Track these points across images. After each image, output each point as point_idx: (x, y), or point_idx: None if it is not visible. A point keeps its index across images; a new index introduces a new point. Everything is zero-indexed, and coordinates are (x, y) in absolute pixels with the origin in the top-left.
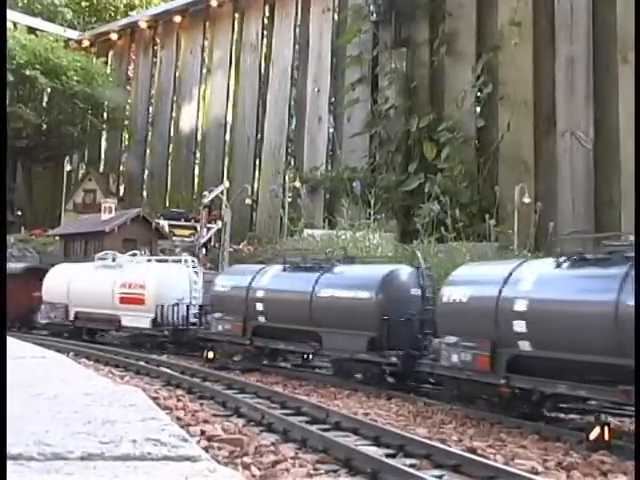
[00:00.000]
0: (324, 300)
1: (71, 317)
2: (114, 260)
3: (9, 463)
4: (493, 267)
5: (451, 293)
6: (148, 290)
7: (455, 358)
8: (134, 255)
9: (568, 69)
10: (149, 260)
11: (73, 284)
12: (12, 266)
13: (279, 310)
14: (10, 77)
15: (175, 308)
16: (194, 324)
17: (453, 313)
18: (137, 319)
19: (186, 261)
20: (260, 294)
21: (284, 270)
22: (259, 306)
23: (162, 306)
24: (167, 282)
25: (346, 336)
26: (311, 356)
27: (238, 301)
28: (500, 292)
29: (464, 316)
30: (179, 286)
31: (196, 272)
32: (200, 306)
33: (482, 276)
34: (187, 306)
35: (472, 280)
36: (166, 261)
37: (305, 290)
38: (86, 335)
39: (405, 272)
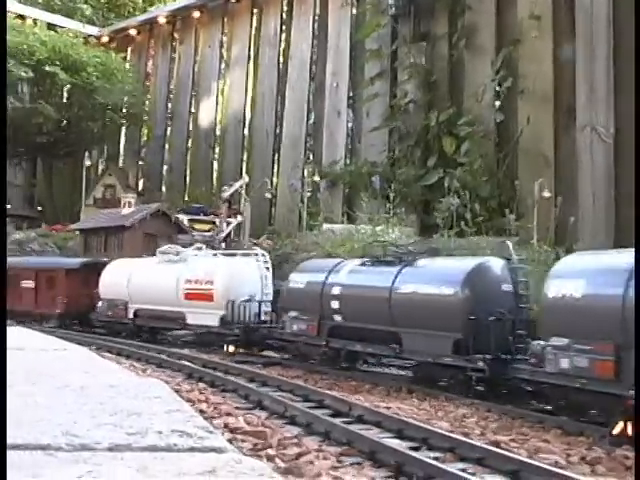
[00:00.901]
0: (404, 297)
1: (130, 315)
2: (177, 254)
3: (38, 453)
4: (610, 257)
5: (559, 288)
6: (217, 285)
7: (565, 363)
8: (199, 249)
9: (588, 63)
10: (215, 254)
11: (133, 280)
12: (69, 261)
13: (356, 308)
14: (30, 73)
15: (247, 305)
16: (265, 322)
17: (563, 311)
18: (204, 316)
19: (256, 255)
20: (336, 291)
21: (362, 264)
22: (335, 304)
23: (232, 302)
24: (237, 277)
25: (429, 337)
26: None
27: (313, 299)
28: (627, 287)
29: (578, 314)
30: (250, 281)
31: (267, 267)
32: (272, 303)
33: (600, 268)
34: (259, 303)
35: (587, 272)
36: (234, 255)
37: (384, 286)
38: (146, 334)
39: (495, 265)
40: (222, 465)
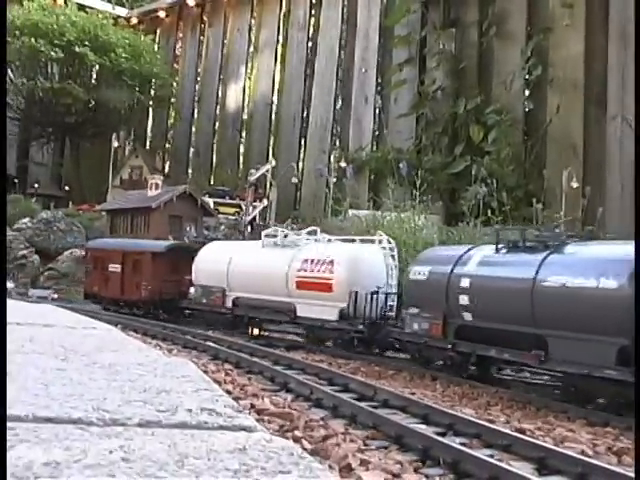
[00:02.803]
0: (551, 291)
1: (228, 304)
2: (286, 237)
3: (70, 427)
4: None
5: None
6: (338, 274)
7: None
8: (312, 233)
9: (621, 52)
10: (329, 240)
11: (233, 265)
12: (155, 244)
13: (490, 305)
14: (60, 54)
15: (373, 297)
16: (389, 318)
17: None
18: (320, 309)
19: (380, 242)
20: (464, 283)
21: (497, 251)
22: (463, 299)
23: (356, 294)
24: (362, 265)
25: (583, 343)
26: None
27: (437, 294)
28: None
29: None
30: (375, 271)
31: (393, 255)
32: (398, 296)
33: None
34: (385, 296)
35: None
36: (353, 241)
37: (524, 277)
38: (246, 327)
39: None
40: (252, 444)
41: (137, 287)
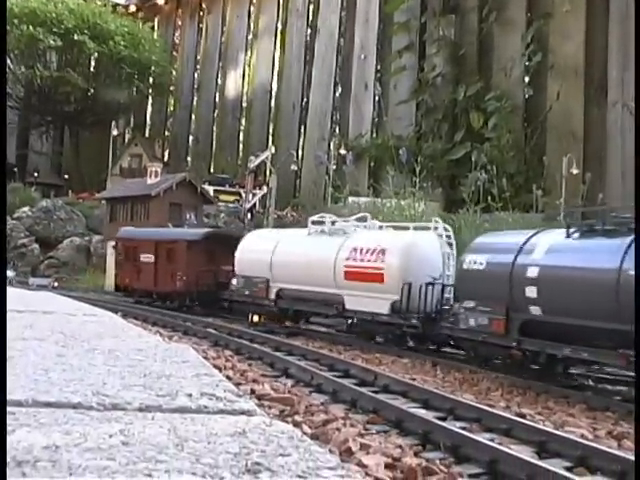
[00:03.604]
0: None
1: (272, 296)
2: (334, 224)
3: (70, 411)
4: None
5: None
6: (390, 263)
7: None
8: (361, 219)
9: (622, 38)
10: (381, 227)
11: (278, 254)
12: (190, 232)
13: (563, 297)
14: (58, 42)
15: (429, 289)
16: (446, 312)
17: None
18: (370, 301)
19: (436, 228)
20: (532, 273)
21: (568, 236)
22: (530, 291)
23: (409, 285)
24: (416, 254)
25: None
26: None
27: (498, 285)
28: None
29: None
30: (431, 260)
31: (450, 243)
32: (454, 288)
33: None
34: (442, 287)
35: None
36: (406, 228)
37: (607, 266)
38: (292, 320)
39: None
40: (252, 428)
41: (171, 278)
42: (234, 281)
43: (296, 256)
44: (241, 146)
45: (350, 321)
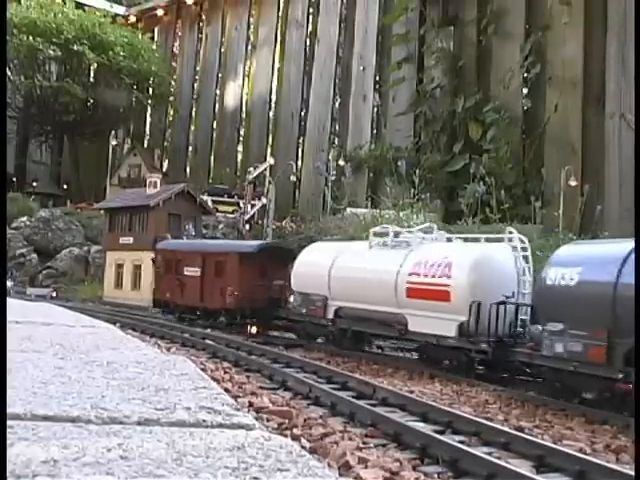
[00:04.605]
0: None
1: (330, 315)
2: (397, 236)
3: (68, 425)
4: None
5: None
6: (457, 280)
7: None
8: (427, 232)
9: (620, 50)
10: (449, 239)
11: (336, 269)
12: (243, 244)
13: None
14: (58, 52)
15: (500, 309)
16: (520, 335)
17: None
18: (435, 322)
19: (511, 240)
20: None
21: None
22: None
23: (479, 305)
24: (487, 270)
25: None
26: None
27: (596, 305)
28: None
29: None
30: (503, 276)
31: (525, 256)
32: (531, 308)
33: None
34: (516, 307)
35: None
36: (477, 240)
37: None
38: (351, 340)
39: None
40: (251, 442)
41: (221, 294)
42: (292, 299)
43: (356, 271)
44: (240, 157)
45: (416, 345)
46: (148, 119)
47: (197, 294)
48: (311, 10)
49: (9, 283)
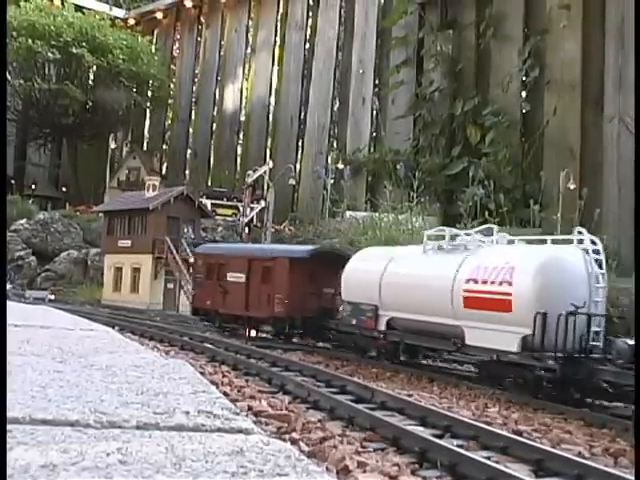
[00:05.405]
0: None
1: (382, 326)
2: (454, 239)
3: (67, 429)
4: None
5: None
6: (520, 287)
7: None
8: (486, 234)
9: (618, 53)
10: (511, 241)
11: (388, 276)
12: (294, 249)
13: None
14: (57, 55)
15: (570, 320)
16: (592, 351)
17: None
18: (494, 336)
19: (581, 242)
20: None
21: None
22: None
23: (544, 316)
24: (554, 275)
25: None
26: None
27: None
28: None
29: None
30: (573, 283)
31: (598, 260)
32: (606, 318)
33: None
34: (588, 318)
35: None
36: (543, 242)
37: None
38: (405, 354)
39: None
40: (250, 446)
41: (268, 301)
42: (341, 308)
43: (408, 278)
44: (239, 160)
45: (475, 360)
46: (147, 122)
47: (242, 302)
48: (310, 13)
49: (8, 286)
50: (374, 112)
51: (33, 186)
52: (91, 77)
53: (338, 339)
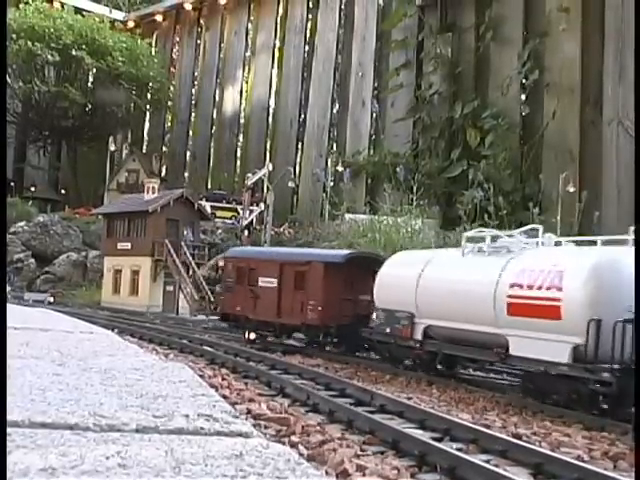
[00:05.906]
0: None
1: (418, 335)
2: (495, 241)
3: (66, 432)
4: None
5: None
6: (570, 292)
7: None
8: (531, 235)
9: (617, 56)
10: (558, 243)
11: (424, 281)
12: (329, 253)
13: None
14: (57, 57)
15: (627, 328)
16: None
17: None
18: (542, 345)
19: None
20: None
21: None
22: None
23: (598, 323)
24: (608, 279)
25: None
26: None
27: None
28: None
29: None
30: (630, 287)
31: None
32: None
33: None
34: None
35: None
36: (593, 243)
37: None
38: (443, 365)
39: None
40: (249, 450)
41: (302, 308)
42: (375, 316)
43: (446, 284)
44: (238, 162)
45: (522, 372)
46: (147, 124)
47: (274, 308)
48: (310, 16)
49: (7, 288)
50: (373, 115)
51: (32, 188)
52: (91, 79)
53: (372, 348)
